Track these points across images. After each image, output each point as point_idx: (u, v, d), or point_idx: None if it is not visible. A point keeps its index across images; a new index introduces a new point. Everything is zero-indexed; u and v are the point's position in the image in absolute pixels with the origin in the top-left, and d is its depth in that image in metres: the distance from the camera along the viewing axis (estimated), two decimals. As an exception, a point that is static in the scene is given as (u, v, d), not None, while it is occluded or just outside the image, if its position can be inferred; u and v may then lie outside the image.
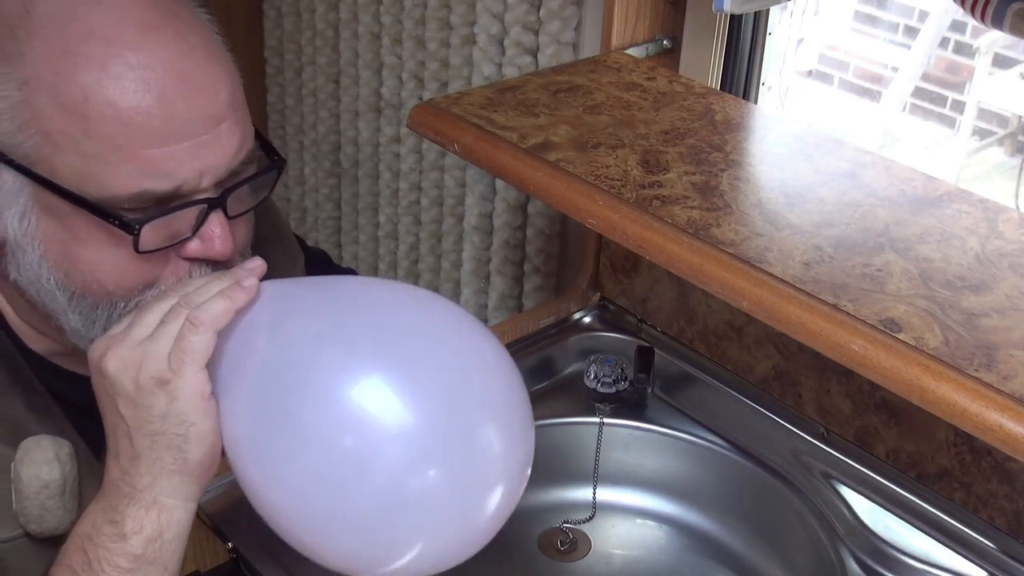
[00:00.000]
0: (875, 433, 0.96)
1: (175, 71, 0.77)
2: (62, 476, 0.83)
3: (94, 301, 0.82)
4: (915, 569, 0.90)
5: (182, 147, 0.78)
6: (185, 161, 0.78)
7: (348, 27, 1.56)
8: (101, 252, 0.80)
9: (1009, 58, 3.30)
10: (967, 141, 3.35)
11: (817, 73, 3.68)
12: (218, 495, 0.91)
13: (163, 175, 0.78)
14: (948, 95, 3.48)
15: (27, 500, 0.82)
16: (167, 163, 0.78)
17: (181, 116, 0.77)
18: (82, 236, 0.80)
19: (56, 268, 0.81)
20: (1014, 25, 0.85)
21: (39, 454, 0.82)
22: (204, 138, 0.79)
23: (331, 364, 0.69)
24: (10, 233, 0.80)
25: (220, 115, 0.80)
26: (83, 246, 0.80)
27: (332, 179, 1.72)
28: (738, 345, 1.05)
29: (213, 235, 0.81)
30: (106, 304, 0.82)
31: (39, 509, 0.82)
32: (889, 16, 3.60)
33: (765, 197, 0.88)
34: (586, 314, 1.17)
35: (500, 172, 0.93)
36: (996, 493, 0.89)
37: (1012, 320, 0.73)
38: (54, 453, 0.83)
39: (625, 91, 1.03)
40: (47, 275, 0.82)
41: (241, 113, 0.83)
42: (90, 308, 0.82)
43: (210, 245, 0.81)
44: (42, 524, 0.83)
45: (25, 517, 0.82)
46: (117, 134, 0.76)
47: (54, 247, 0.81)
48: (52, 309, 0.83)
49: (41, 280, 0.82)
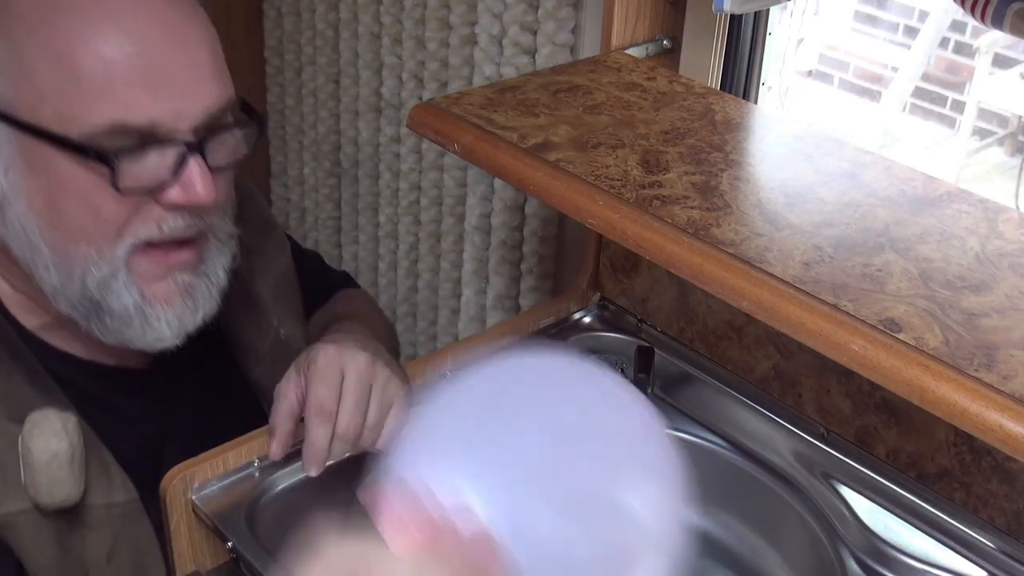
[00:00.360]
0: (875, 433, 0.96)
1: (157, 21, 0.82)
2: (70, 447, 0.84)
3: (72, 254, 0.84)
4: (915, 569, 0.90)
5: (160, 89, 0.81)
6: (163, 100, 0.81)
7: (348, 27, 1.56)
8: (83, 197, 0.82)
9: (1009, 58, 3.30)
10: (967, 141, 3.35)
11: (817, 73, 3.68)
12: (218, 495, 0.91)
13: (139, 109, 0.81)
14: (948, 95, 3.48)
15: (37, 472, 0.83)
16: (144, 99, 0.81)
17: (161, 62, 0.81)
18: (65, 183, 0.82)
19: (40, 220, 0.83)
20: (1014, 25, 0.85)
21: (47, 426, 0.83)
22: (183, 83, 0.82)
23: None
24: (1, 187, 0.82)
25: (200, 64, 0.84)
26: (66, 194, 0.82)
27: (332, 179, 1.72)
28: (738, 345, 1.05)
29: (193, 179, 0.83)
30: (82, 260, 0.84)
31: (49, 480, 0.83)
32: (889, 16, 3.60)
33: (765, 197, 0.88)
34: (586, 314, 1.17)
35: (500, 172, 0.93)
36: (996, 493, 0.89)
37: (1012, 320, 0.73)
38: (61, 425, 0.84)
39: (625, 91, 1.03)
40: (32, 227, 0.84)
41: (221, 70, 0.86)
42: (70, 260, 0.84)
43: (191, 190, 0.83)
44: (52, 495, 0.84)
45: (35, 489, 0.83)
46: (98, 73, 0.79)
47: (38, 199, 0.83)
48: (35, 265, 0.85)
49: (27, 233, 0.84)
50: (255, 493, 0.92)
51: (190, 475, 0.90)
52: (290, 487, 0.94)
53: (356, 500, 0.93)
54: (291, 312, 1.09)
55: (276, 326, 1.06)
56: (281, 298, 1.08)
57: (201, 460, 0.91)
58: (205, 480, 0.91)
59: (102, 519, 0.88)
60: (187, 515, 0.91)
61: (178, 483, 0.89)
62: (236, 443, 0.93)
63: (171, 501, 0.90)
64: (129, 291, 0.85)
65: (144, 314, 0.87)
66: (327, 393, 0.87)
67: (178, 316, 0.88)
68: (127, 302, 0.86)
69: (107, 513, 0.88)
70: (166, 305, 0.87)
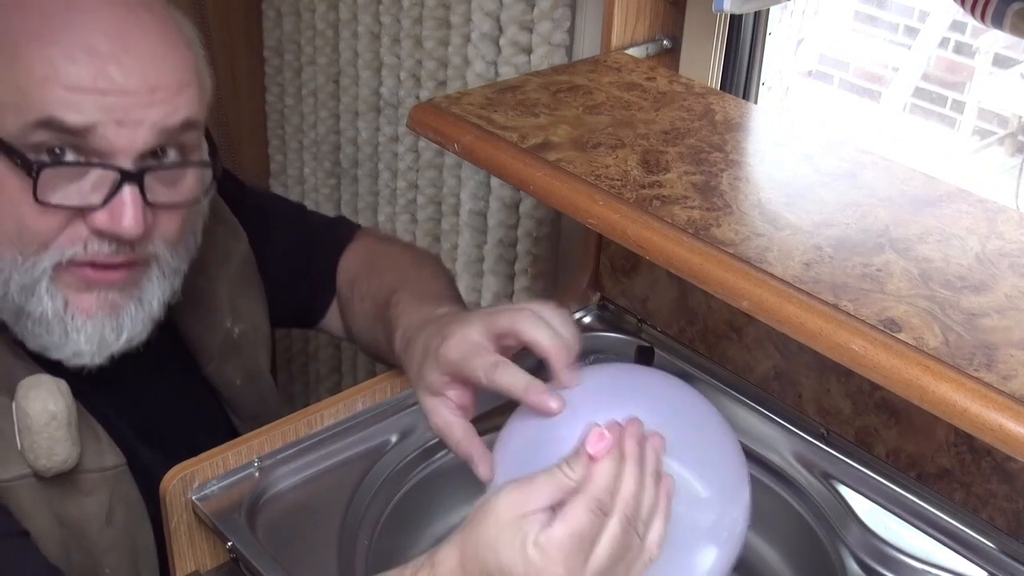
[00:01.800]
0: (875, 433, 0.96)
1: (114, 35, 0.81)
2: (67, 407, 0.84)
3: (5, 262, 0.83)
4: (915, 569, 0.90)
5: (104, 98, 0.80)
6: (105, 109, 0.80)
7: (348, 27, 1.56)
8: (10, 203, 0.82)
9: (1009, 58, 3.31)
10: (967, 141, 3.35)
11: (817, 73, 3.68)
12: (218, 495, 0.91)
13: (75, 109, 0.79)
14: (948, 95, 3.48)
15: (36, 434, 0.83)
16: (84, 101, 0.79)
17: (110, 73, 0.80)
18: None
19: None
20: (1014, 25, 0.85)
21: (43, 388, 0.84)
22: (131, 98, 0.81)
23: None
24: None
25: (155, 85, 0.82)
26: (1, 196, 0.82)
27: (332, 179, 1.72)
28: (738, 345, 1.05)
29: (123, 209, 0.81)
30: (10, 260, 0.83)
31: (49, 441, 0.84)
32: (889, 16, 3.60)
33: (765, 197, 0.88)
34: (586, 314, 1.17)
35: (500, 172, 0.93)
36: (996, 493, 0.89)
37: (1012, 320, 0.73)
38: (56, 386, 0.84)
39: (625, 91, 1.03)
40: None
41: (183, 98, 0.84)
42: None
43: (117, 220, 0.82)
44: (51, 458, 0.84)
45: (35, 453, 0.84)
46: (42, 70, 0.79)
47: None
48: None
49: None
50: (255, 493, 0.92)
51: (190, 475, 0.90)
52: (290, 487, 0.94)
53: (356, 499, 0.93)
54: (251, 302, 1.09)
55: (229, 326, 1.05)
56: (240, 289, 1.08)
57: (201, 460, 0.91)
58: (205, 480, 0.91)
59: (97, 483, 0.89)
60: (187, 515, 0.91)
61: (178, 483, 0.89)
62: (236, 443, 0.93)
63: (171, 501, 0.90)
64: (53, 298, 0.85)
65: (64, 324, 0.86)
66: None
67: (99, 331, 0.87)
68: (47, 308, 0.85)
69: (101, 476, 0.89)
70: (87, 318, 0.86)
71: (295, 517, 0.92)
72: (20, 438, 0.84)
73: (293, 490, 0.94)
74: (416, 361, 0.87)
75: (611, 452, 0.70)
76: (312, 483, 0.95)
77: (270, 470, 0.94)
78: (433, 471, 1.01)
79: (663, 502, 0.72)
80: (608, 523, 0.68)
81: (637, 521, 0.70)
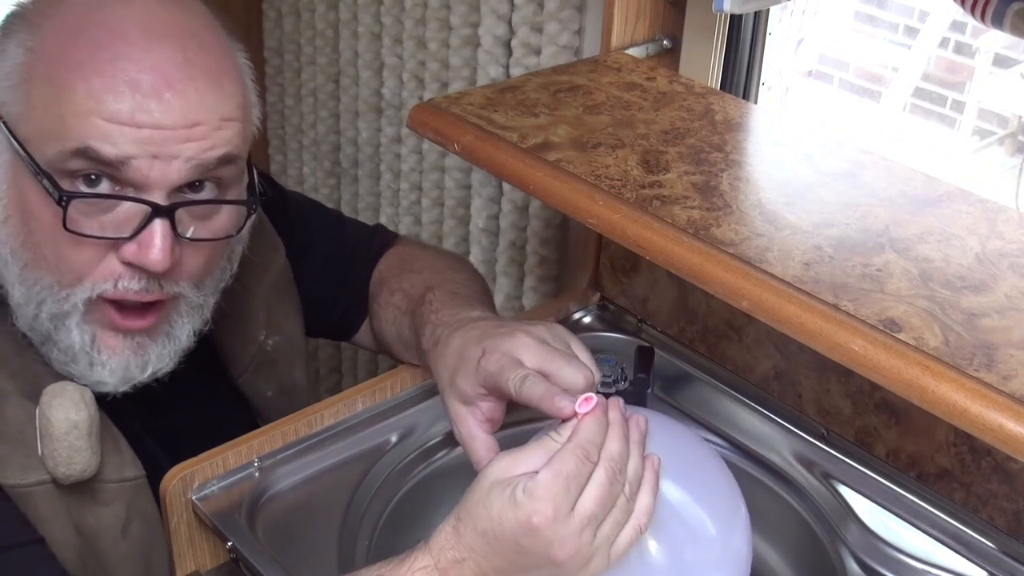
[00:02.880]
0: (875, 433, 0.96)
1: (159, 73, 0.81)
2: (89, 417, 0.85)
3: (38, 277, 0.84)
4: (915, 569, 0.90)
5: (140, 131, 0.80)
6: (140, 143, 0.80)
7: (348, 27, 1.56)
8: (47, 228, 0.83)
9: (1009, 58, 3.31)
10: (967, 141, 3.35)
11: (817, 73, 3.69)
12: (218, 495, 0.91)
13: (111, 142, 0.80)
14: (948, 95, 3.48)
15: (57, 442, 0.84)
16: (120, 134, 0.80)
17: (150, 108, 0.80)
18: (34, 209, 0.83)
19: (15, 235, 0.84)
20: (1014, 25, 0.85)
21: (66, 397, 0.85)
22: (167, 133, 0.81)
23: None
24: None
25: (195, 121, 0.82)
26: (34, 219, 0.83)
27: (332, 179, 1.72)
28: (738, 345, 1.05)
29: (152, 242, 0.82)
30: (47, 285, 0.84)
31: (68, 450, 0.84)
32: (889, 16, 3.60)
33: (765, 197, 0.88)
34: (586, 314, 1.17)
35: (500, 172, 0.93)
36: (996, 493, 0.89)
37: (1012, 320, 0.73)
38: (80, 395, 0.85)
39: (625, 91, 1.03)
40: (4, 239, 0.85)
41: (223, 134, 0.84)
42: (33, 283, 0.85)
43: (145, 252, 0.82)
44: (71, 466, 0.85)
45: (54, 460, 0.85)
46: (83, 101, 0.80)
47: (15, 214, 0.84)
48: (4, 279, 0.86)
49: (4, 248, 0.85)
50: (255, 493, 0.92)
51: (190, 475, 0.90)
52: (290, 487, 0.94)
53: (356, 499, 0.93)
54: (285, 313, 1.09)
55: (263, 339, 1.05)
56: (275, 301, 1.07)
57: (201, 460, 0.91)
58: (205, 480, 0.91)
59: (115, 494, 0.89)
60: (187, 515, 0.91)
61: (178, 483, 0.89)
62: (236, 443, 0.93)
63: (171, 501, 0.90)
64: (81, 332, 0.86)
65: (90, 357, 0.87)
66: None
67: (124, 367, 0.88)
68: (76, 341, 0.86)
69: (120, 488, 0.90)
70: (112, 354, 0.87)
71: (295, 517, 0.92)
72: (41, 444, 0.84)
73: (293, 490, 0.94)
74: (449, 366, 0.87)
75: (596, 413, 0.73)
76: (312, 483, 0.95)
77: (270, 470, 0.94)
78: (433, 471, 1.01)
79: (650, 475, 0.74)
80: (595, 471, 0.71)
81: (623, 476, 0.72)
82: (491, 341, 0.83)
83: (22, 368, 0.87)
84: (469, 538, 0.71)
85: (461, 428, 0.85)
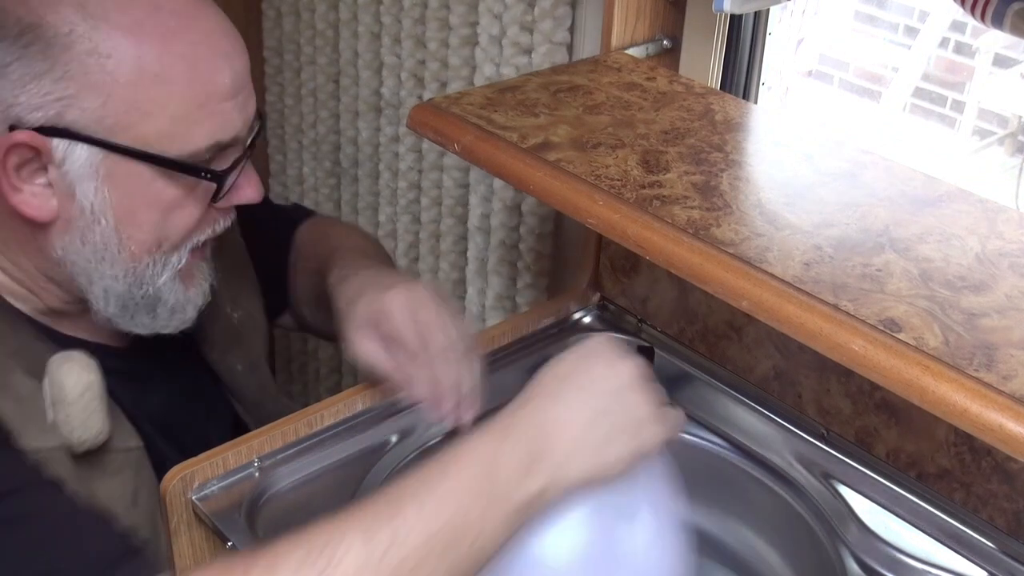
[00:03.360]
0: (875, 433, 0.96)
1: (225, 34, 0.88)
2: (100, 379, 0.87)
3: (143, 262, 0.88)
4: (915, 569, 0.90)
5: (238, 100, 0.87)
6: (241, 112, 0.88)
7: (348, 27, 1.56)
8: (166, 209, 0.87)
9: (1009, 58, 3.31)
10: (967, 141, 3.35)
11: (817, 73, 3.69)
12: (218, 495, 0.91)
13: (229, 126, 0.87)
14: (948, 95, 3.48)
15: (71, 405, 0.85)
16: (232, 115, 0.87)
17: (235, 72, 0.87)
18: (152, 198, 0.86)
19: (122, 234, 0.87)
20: (1014, 25, 0.85)
21: (76, 361, 0.86)
22: (246, 92, 0.89)
23: None
24: (82, 208, 0.85)
25: (249, 70, 0.90)
26: (149, 208, 0.86)
27: (332, 179, 1.72)
28: (738, 345, 1.05)
29: (252, 180, 0.92)
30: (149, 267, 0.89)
31: (84, 412, 0.85)
32: (889, 16, 3.60)
33: (765, 197, 0.88)
34: (586, 314, 1.17)
35: (500, 172, 0.93)
36: (996, 493, 0.89)
37: (1012, 320, 0.73)
38: (87, 360, 0.87)
39: (625, 91, 1.03)
40: (114, 242, 0.87)
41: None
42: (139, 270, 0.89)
43: (254, 189, 0.92)
44: (87, 429, 0.86)
45: (70, 425, 0.85)
46: (199, 93, 0.84)
47: (123, 215, 0.86)
48: (99, 275, 0.88)
49: (108, 248, 0.87)
50: (255, 493, 0.92)
51: (190, 475, 0.90)
52: (290, 487, 0.94)
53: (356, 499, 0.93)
54: (244, 287, 1.11)
55: (229, 311, 1.07)
56: (234, 276, 1.09)
57: (201, 460, 0.91)
58: (205, 480, 0.91)
59: (123, 463, 0.91)
60: (187, 515, 0.91)
61: (178, 483, 0.89)
62: (236, 443, 0.93)
63: (171, 501, 0.90)
64: (176, 286, 0.92)
65: (184, 302, 0.93)
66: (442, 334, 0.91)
67: (202, 296, 0.95)
68: (179, 295, 0.92)
69: (126, 457, 0.91)
70: (195, 290, 0.94)
71: (295, 517, 0.92)
72: (54, 411, 0.85)
73: (293, 490, 0.94)
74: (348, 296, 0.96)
75: None
76: (312, 483, 0.95)
77: (270, 470, 0.94)
78: (433, 471, 1.01)
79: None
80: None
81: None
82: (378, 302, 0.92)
83: (21, 347, 0.88)
84: (532, 387, 0.74)
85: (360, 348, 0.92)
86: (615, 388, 0.75)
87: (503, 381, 1.08)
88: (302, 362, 1.86)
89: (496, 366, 1.09)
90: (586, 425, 0.72)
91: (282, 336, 1.80)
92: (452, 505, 0.67)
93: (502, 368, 1.09)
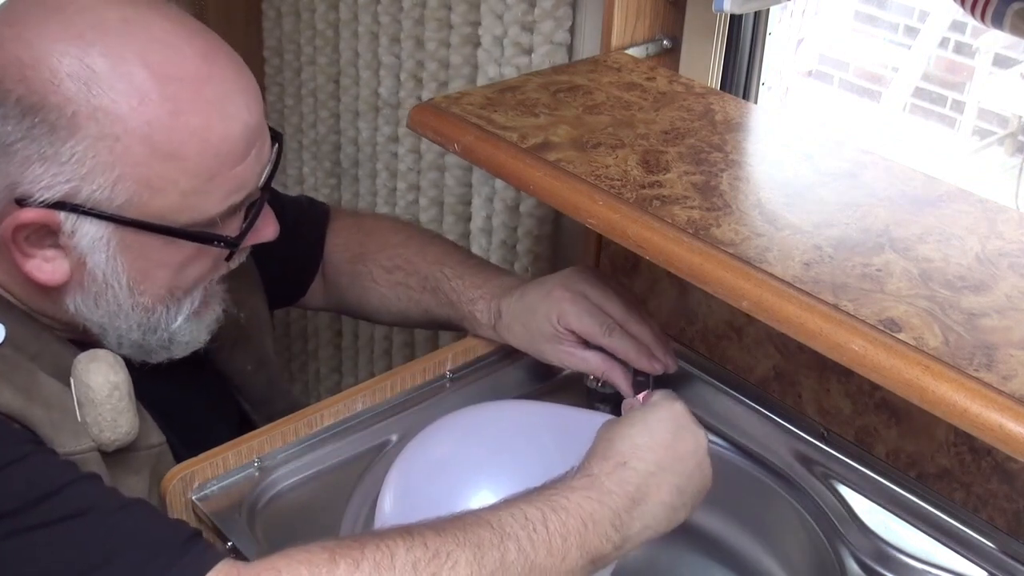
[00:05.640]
0: (875, 433, 0.96)
1: (237, 88, 0.85)
2: (126, 378, 0.87)
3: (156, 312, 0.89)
4: (915, 569, 0.90)
5: (251, 156, 0.86)
6: (254, 168, 0.87)
7: (348, 27, 1.56)
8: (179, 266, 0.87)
9: (1009, 58, 3.31)
10: (967, 141, 3.35)
11: (817, 73, 3.69)
12: (218, 495, 0.91)
13: (243, 187, 0.86)
14: (948, 95, 3.48)
15: (100, 406, 0.85)
16: (245, 175, 0.86)
17: (249, 129, 0.86)
18: (166, 260, 0.86)
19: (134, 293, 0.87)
20: (1014, 25, 0.85)
21: (102, 360, 0.86)
22: (260, 140, 0.88)
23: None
24: (94, 275, 0.84)
25: (263, 115, 0.89)
26: (163, 268, 0.87)
27: (332, 179, 1.72)
28: (738, 345, 1.05)
29: (268, 221, 0.92)
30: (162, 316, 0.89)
31: (113, 412, 0.85)
32: (889, 16, 3.60)
33: (765, 197, 0.87)
34: (586, 314, 1.16)
35: (500, 172, 0.93)
36: (996, 493, 0.89)
37: (1012, 320, 0.73)
38: (113, 358, 0.87)
39: (625, 91, 1.03)
40: (127, 302, 0.87)
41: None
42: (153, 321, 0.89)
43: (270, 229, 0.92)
44: (116, 429, 0.85)
45: (99, 426, 0.85)
46: (211, 165, 0.83)
47: (136, 276, 0.86)
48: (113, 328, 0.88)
49: (121, 308, 0.87)
50: (255, 493, 0.92)
51: (190, 475, 0.90)
52: (290, 487, 0.94)
53: (356, 499, 0.93)
54: (247, 285, 1.10)
55: (235, 312, 1.07)
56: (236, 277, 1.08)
57: (201, 460, 0.91)
58: (205, 480, 0.91)
59: (144, 461, 0.90)
60: (187, 515, 0.91)
61: (178, 483, 0.89)
62: (236, 443, 0.93)
63: (171, 501, 0.90)
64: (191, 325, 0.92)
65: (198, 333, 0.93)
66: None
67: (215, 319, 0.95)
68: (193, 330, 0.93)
69: (148, 455, 0.91)
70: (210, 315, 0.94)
71: (295, 517, 0.92)
72: (82, 413, 0.84)
73: (293, 490, 0.94)
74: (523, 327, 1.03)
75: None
76: (312, 483, 0.95)
77: (270, 470, 0.94)
78: (433, 471, 1.01)
79: None
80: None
81: None
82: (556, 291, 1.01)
83: (42, 349, 0.87)
84: (623, 446, 0.81)
85: (569, 361, 1.01)
86: (696, 464, 0.83)
87: (504, 381, 1.09)
88: (302, 362, 1.86)
89: (496, 366, 1.09)
90: (668, 496, 0.81)
91: (282, 336, 1.80)
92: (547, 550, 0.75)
93: (503, 368, 1.09)
